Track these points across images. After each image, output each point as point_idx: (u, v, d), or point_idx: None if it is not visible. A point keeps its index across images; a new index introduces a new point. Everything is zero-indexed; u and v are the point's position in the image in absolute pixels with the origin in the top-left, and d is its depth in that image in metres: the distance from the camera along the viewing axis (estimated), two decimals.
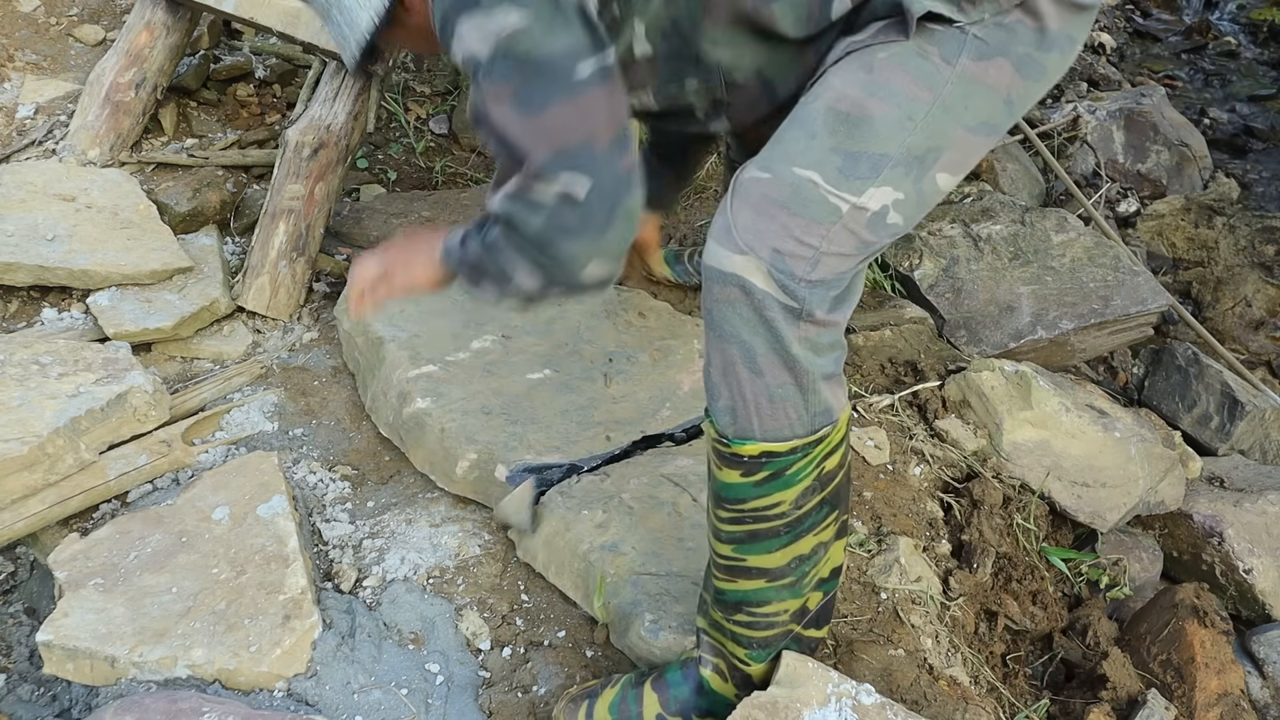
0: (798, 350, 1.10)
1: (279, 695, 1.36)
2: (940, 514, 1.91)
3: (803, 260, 1.08)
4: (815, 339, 1.11)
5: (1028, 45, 1.14)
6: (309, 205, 2.05)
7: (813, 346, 1.11)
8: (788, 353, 1.09)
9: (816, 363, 1.11)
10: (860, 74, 1.11)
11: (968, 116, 1.13)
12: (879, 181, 1.10)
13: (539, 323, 1.91)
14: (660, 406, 1.77)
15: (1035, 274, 2.46)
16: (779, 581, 1.19)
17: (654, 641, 1.40)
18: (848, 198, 1.09)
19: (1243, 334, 3.01)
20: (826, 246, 1.09)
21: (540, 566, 1.57)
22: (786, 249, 1.08)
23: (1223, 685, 1.79)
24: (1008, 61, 1.13)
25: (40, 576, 1.70)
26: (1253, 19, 4.65)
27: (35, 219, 1.95)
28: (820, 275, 1.09)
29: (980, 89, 1.13)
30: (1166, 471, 2.09)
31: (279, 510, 1.54)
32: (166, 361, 1.89)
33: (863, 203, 1.09)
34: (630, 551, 1.51)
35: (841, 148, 1.10)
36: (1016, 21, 1.13)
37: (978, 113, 1.13)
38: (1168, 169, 3.47)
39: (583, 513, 1.55)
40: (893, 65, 1.11)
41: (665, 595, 1.45)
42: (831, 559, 1.23)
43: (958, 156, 1.15)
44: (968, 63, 1.12)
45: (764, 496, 1.14)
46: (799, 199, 1.09)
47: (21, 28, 2.60)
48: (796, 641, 1.27)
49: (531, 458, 1.62)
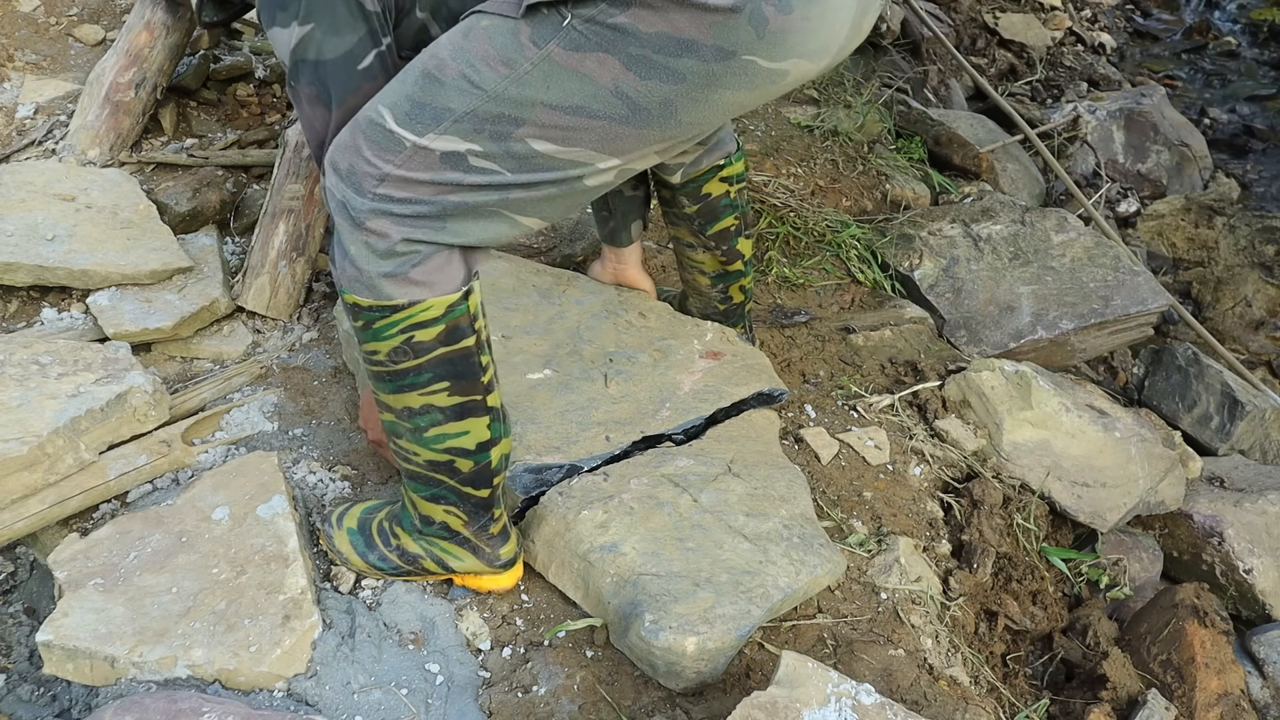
0: (353, 250, 1.31)
1: (279, 695, 1.36)
2: (940, 514, 1.91)
3: (369, 178, 1.28)
4: (372, 244, 1.30)
5: (645, 47, 1.19)
6: (309, 205, 2.05)
7: (370, 249, 1.30)
8: (346, 248, 1.31)
9: (374, 261, 1.30)
10: (458, 38, 1.26)
11: (549, 96, 1.23)
12: (440, 131, 1.25)
13: (538, 322, 1.90)
14: (660, 407, 1.76)
15: (1035, 274, 2.46)
16: (401, 423, 1.40)
17: (654, 642, 1.40)
18: (409, 136, 1.26)
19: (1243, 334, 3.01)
20: (391, 171, 1.27)
21: (540, 566, 1.57)
22: (358, 167, 1.28)
23: (1223, 685, 1.79)
24: (612, 57, 1.21)
25: (40, 576, 1.71)
26: (1253, 19, 4.65)
27: (35, 219, 1.95)
28: (384, 191, 1.27)
29: (569, 75, 1.22)
30: (1166, 471, 2.10)
31: (279, 510, 1.54)
32: (166, 361, 1.89)
33: (424, 144, 1.26)
34: (630, 552, 1.51)
35: (414, 96, 1.26)
36: (628, 23, 1.18)
37: (565, 95, 1.23)
38: (1168, 169, 3.47)
39: (583, 513, 1.55)
40: (483, 37, 1.24)
41: (665, 595, 1.45)
42: (474, 434, 1.40)
43: (553, 130, 1.25)
44: (556, 49, 1.21)
45: (365, 343, 1.36)
46: (370, 125, 1.28)
47: (21, 27, 2.60)
48: (454, 492, 1.44)
49: (531, 459, 1.61)
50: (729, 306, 1.97)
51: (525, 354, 1.82)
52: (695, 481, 1.66)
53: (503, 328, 1.87)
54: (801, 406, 2.00)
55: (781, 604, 1.52)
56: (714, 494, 1.64)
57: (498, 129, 1.25)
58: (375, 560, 1.53)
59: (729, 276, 1.91)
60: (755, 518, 1.61)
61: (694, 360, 1.88)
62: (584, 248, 2.28)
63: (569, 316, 1.93)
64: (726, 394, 1.82)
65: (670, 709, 1.43)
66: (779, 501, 1.66)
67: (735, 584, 1.49)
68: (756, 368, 1.90)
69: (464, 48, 1.24)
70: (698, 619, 1.42)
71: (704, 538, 1.56)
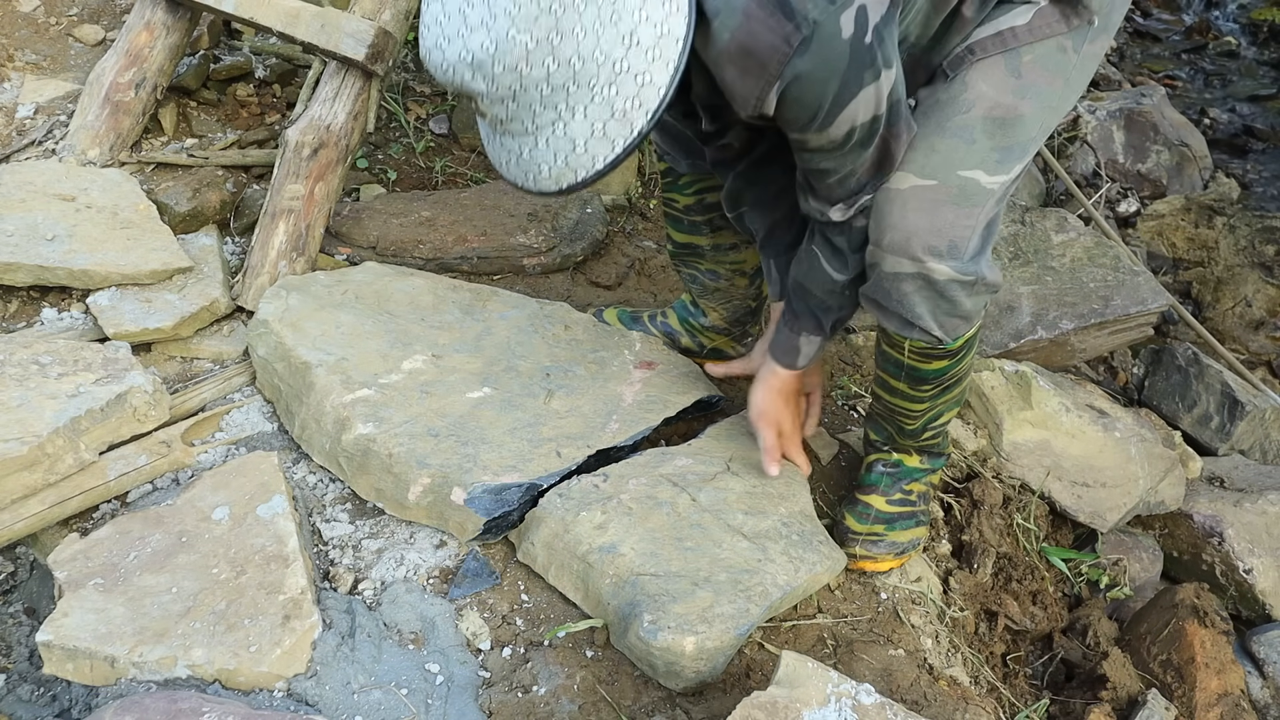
0: (970, 305, 1.46)
1: (279, 695, 1.36)
2: (940, 514, 1.91)
3: (967, 238, 1.40)
4: (979, 292, 1.46)
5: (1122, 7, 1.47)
6: (309, 205, 2.05)
7: (973, 294, 1.46)
8: (962, 315, 1.47)
9: (973, 298, 1.47)
10: (1010, 79, 1.40)
11: (1081, 85, 1.47)
12: (1025, 157, 1.43)
13: (467, 340, 1.86)
14: (607, 420, 1.74)
15: (1035, 274, 2.46)
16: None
17: (653, 642, 1.40)
18: (1000, 180, 1.41)
19: (1243, 334, 3.01)
20: (982, 218, 1.41)
21: (540, 568, 1.56)
22: (958, 236, 1.39)
23: (1223, 685, 1.79)
24: (1107, 36, 1.45)
25: (40, 576, 1.70)
26: (1253, 19, 4.65)
27: (35, 219, 1.95)
28: (977, 239, 1.42)
29: (1093, 63, 1.46)
30: (1166, 471, 2.09)
31: (279, 510, 1.54)
32: (166, 361, 1.89)
33: (1010, 177, 1.42)
34: (629, 552, 1.50)
35: (998, 146, 1.40)
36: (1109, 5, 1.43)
37: (1088, 77, 1.48)
38: (1168, 169, 3.47)
39: (581, 514, 1.55)
40: (1037, 67, 1.40)
41: (664, 595, 1.44)
42: None
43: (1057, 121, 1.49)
44: (1088, 46, 1.43)
45: (963, 360, 1.58)
46: (965, 194, 1.39)
47: (21, 28, 2.60)
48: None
49: (490, 479, 1.58)
50: (759, 302, 1.98)
51: (460, 372, 1.78)
52: (694, 480, 1.65)
53: (432, 347, 1.82)
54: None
55: (781, 602, 1.52)
56: (712, 493, 1.64)
57: (1046, 132, 1.45)
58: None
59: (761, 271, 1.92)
60: (754, 516, 1.61)
61: (630, 371, 1.87)
62: (583, 248, 2.28)
63: (497, 332, 1.89)
64: (671, 403, 1.81)
65: (670, 709, 1.43)
66: (778, 499, 1.66)
67: (734, 583, 1.48)
68: (692, 375, 1.90)
69: (1026, 85, 1.40)
70: (696, 618, 1.42)
71: (703, 537, 1.55)
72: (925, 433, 1.69)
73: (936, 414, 1.65)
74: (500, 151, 1.32)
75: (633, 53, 1.19)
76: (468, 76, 1.20)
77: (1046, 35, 1.41)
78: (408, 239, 2.18)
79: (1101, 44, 1.46)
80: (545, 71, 1.19)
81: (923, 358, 1.55)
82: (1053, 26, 1.41)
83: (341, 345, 1.77)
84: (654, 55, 1.20)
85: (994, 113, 1.39)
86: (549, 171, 1.28)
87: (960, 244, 1.40)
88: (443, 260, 2.17)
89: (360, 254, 2.15)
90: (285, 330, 1.77)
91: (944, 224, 1.39)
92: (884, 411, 1.70)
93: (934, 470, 1.76)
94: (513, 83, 1.20)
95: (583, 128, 1.23)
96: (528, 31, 1.16)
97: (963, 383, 1.63)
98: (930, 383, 1.59)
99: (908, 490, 1.71)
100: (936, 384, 1.60)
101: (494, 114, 1.26)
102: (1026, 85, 1.40)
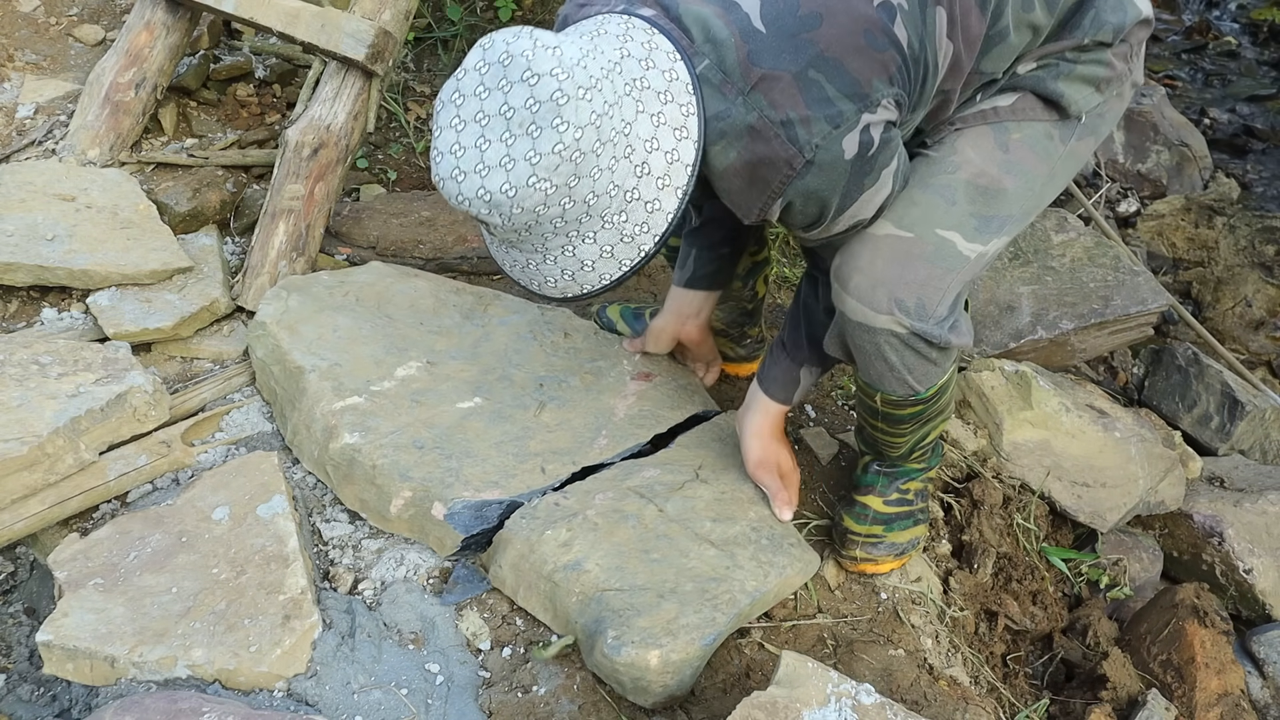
0: (940, 360, 1.46)
1: (279, 695, 1.36)
2: (940, 514, 1.91)
3: (936, 301, 1.39)
4: (949, 352, 1.46)
5: (1112, 119, 1.49)
6: (309, 205, 2.05)
7: (943, 354, 1.45)
8: (932, 362, 1.45)
9: (950, 355, 1.47)
10: (998, 153, 1.41)
11: (1063, 180, 1.48)
12: (1002, 234, 1.43)
13: (464, 346, 1.83)
14: (596, 435, 1.71)
15: (1035, 274, 2.46)
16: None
17: (617, 658, 1.36)
18: (977, 248, 1.40)
19: (1243, 334, 3.01)
20: (954, 285, 1.40)
21: (509, 591, 1.53)
22: (927, 296, 1.38)
23: (1223, 685, 1.79)
24: (1094, 139, 1.47)
25: (40, 576, 1.70)
26: (1253, 19, 4.65)
27: (35, 219, 1.95)
28: (946, 306, 1.40)
29: (1076, 162, 1.48)
30: (1166, 471, 2.09)
31: (279, 510, 1.54)
32: (166, 361, 1.89)
33: (986, 250, 1.42)
34: (594, 568, 1.47)
35: (979, 213, 1.40)
36: (1115, 96, 1.45)
37: (1069, 175, 1.49)
38: (1168, 169, 3.47)
39: (546, 533, 1.51)
40: (1024, 147, 1.42)
41: (629, 610, 1.41)
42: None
43: (1038, 209, 1.50)
44: (1075, 143, 1.45)
45: (940, 399, 1.56)
46: (940, 253, 1.38)
47: (21, 28, 2.60)
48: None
49: (470, 495, 1.56)
50: (755, 304, 1.97)
51: (453, 380, 1.76)
52: (661, 491, 1.62)
53: (428, 353, 1.80)
54: (802, 406, 2.00)
55: (751, 608, 1.49)
56: (680, 502, 1.60)
57: (1026, 219, 1.46)
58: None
59: (756, 269, 1.91)
60: (722, 522, 1.58)
61: (626, 383, 1.83)
62: None
63: (495, 338, 1.86)
64: (663, 418, 1.78)
65: (670, 709, 1.43)
66: (748, 504, 1.64)
67: (701, 592, 1.46)
68: (689, 388, 1.87)
69: (1012, 160, 1.41)
70: (660, 631, 1.39)
71: (669, 547, 1.52)
72: (914, 453, 1.69)
73: (922, 437, 1.64)
74: (506, 257, 1.35)
75: (644, 181, 1.23)
76: (484, 212, 1.22)
77: (1031, 118, 1.41)
78: (408, 239, 2.18)
79: (1087, 146, 1.47)
80: (561, 210, 1.22)
81: (896, 406, 1.55)
82: (1036, 112, 1.42)
83: (336, 350, 1.75)
84: (664, 183, 1.24)
85: (978, 180, 1.40)
86: (555, 283, 1.33)
87: (929, 304, 1.39)
88: (443, 260, 2.17)
89: (360, 254, 2.15)
90: (282, 333, 1.77)
91: (915, 279, 1.37)
92: (869, 437, 1.70)
93: (930, 468, 1.76)
94: (529, 220, 1.22)
95: (591, 250, 1.28)
96: (548, 179, 1.18)
97: (944, 411, 1.62)
98: (908, 423, 1.59)
99: (904, 490, 1.71)
100: (915, 422, 1.59)
101: (504, 237, 1.29)
102: (1013, 162, 1.41)
